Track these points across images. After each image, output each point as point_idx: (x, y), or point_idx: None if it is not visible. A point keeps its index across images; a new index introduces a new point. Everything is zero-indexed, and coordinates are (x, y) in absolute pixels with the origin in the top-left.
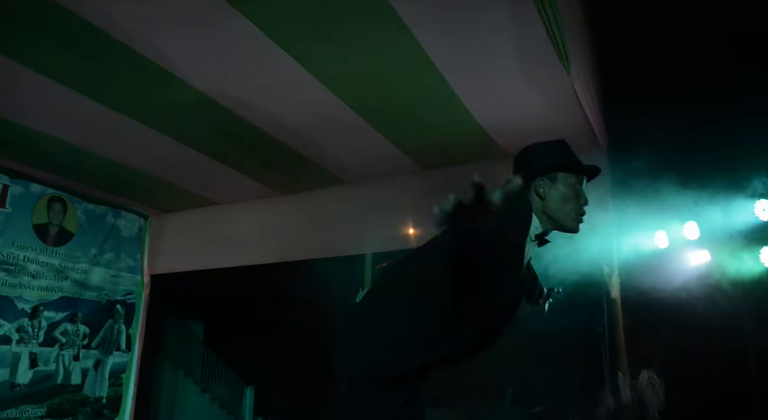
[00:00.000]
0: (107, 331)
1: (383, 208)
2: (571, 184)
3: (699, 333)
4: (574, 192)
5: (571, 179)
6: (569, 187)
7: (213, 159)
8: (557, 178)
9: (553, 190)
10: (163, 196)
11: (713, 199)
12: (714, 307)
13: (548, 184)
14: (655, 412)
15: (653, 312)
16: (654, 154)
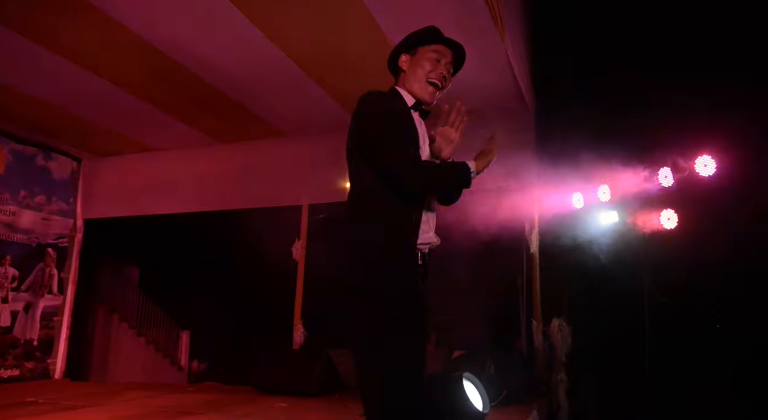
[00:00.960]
0: (38, 275)
1: (320, 161)
2: (429, 57)
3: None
4: (429, 61)
5: (429, 53)
6: (426, 58)
7: (151, 104)
8: (417, 51)
9: (412, 63)
10: (98, 140)
11: (624, 165)
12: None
13: (408, 58)
14: (562, 356)
15: (566, 266)
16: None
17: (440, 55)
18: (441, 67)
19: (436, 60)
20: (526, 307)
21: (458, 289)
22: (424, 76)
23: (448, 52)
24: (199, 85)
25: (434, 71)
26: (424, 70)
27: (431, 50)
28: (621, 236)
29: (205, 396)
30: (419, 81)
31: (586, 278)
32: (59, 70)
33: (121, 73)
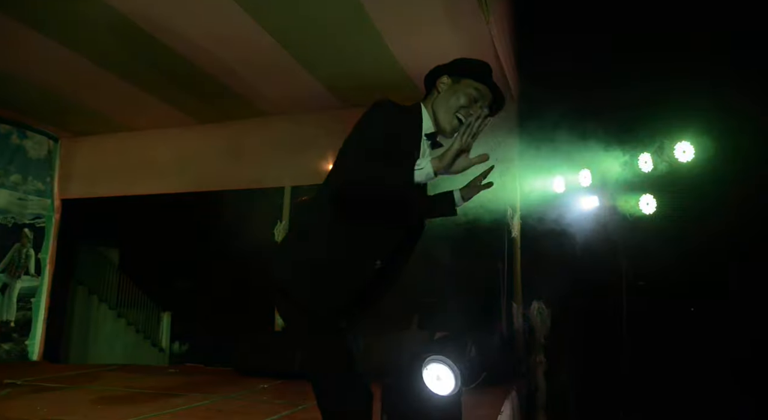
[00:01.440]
0: (14, 255)
1: (304, 142)
2: (469, 92)
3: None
4: (467, 97)
5: (471, 89)
6: (465, 93)
7: (131, 83)
8: (460, 81)
9: (450, 89)
10: (76, 119)
11: (605, 151)
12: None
13: (449, 82)
14: (541, 338)
15: (547, 250)
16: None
17: (481, 95)
18: (476, 107)
19: (474, 99)
20: (507, 290)
21: (440, 271)
22: (453, 109)
23: (489, 95)
24: (181, 63)
25: (464, 108)
26: (459, 102)
27: (474, 87)
28: (601, 221)
29: (187, 377)
30: (447, 112)
31: (566, 262)
32: (36, 47)
33: (100, 50)
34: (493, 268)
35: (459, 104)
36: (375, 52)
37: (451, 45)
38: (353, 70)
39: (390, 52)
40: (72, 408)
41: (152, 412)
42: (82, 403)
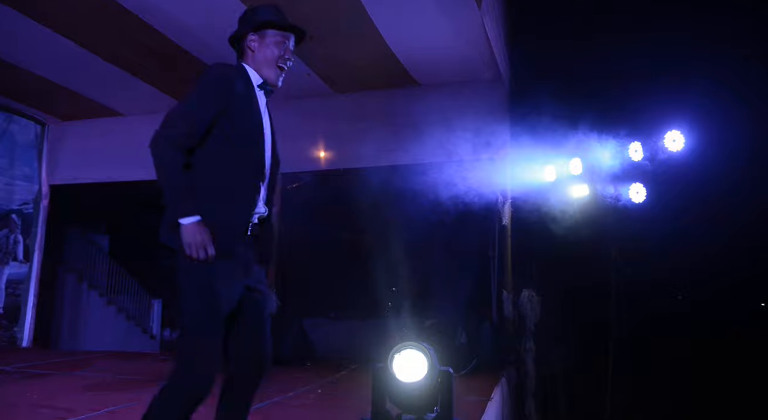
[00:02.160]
0: (2, 241)
1: (296, 129)
2: (277, 41)
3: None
4: (278, 47)
5: (277, 37)
6: (275, 43)
7: (119, 67)
8: (265, 34)
9: (260, 45)
10: (63, 103)
11: (596, 139)
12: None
13: (257, 39)
14: (531, 325)
15: (537, 238)
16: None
17: (285, 38)
18: (287, 51)
19: (283, 44)
20: (498, 278)
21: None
22: (274, 61)
23: (291, 35)
24: (169, 47)
25: (282, 56)
26: (274, 54)
27: (279, 34)
28: (591, 209)
29: None
30: (269, 65)
31: (555, 250)
32: (23, 30)
33: (87, 33)
34: (483, 256)
35: (275, 55)
36: (367, 40)
37: (444, 31)
38: (347, 60)
39: (382, 39)
40: (62, 394)
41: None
42: (72, 389)
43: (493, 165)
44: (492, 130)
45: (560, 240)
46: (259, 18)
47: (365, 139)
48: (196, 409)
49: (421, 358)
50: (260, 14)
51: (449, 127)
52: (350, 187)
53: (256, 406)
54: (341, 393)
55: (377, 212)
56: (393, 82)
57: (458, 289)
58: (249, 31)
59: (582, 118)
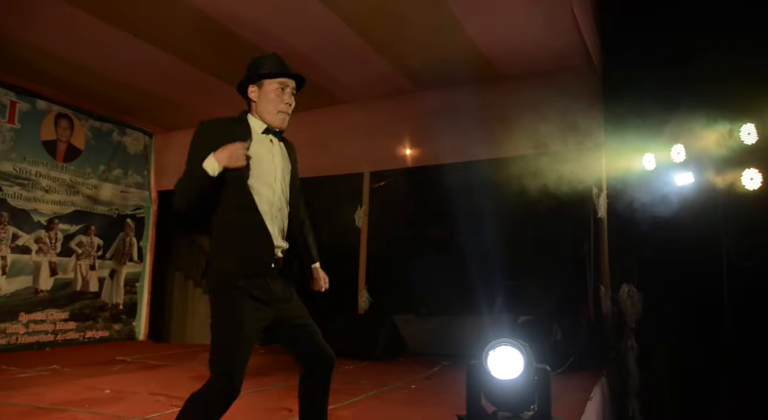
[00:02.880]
0: (120, 243)
1: (380, 127)
2: (274, 89)
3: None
4: (275, 94)
5: (273, 84)
6: (272, 91)
7: (214, 77)
8: (263, 84)
9: (260, 95)
10: (167, 114)
11: (701, 122)
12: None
13: (255, 89)
14: (632, 323)
15: (637, 230)
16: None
17: (284, 84)
18: (287, 96)
19: (281, 90)
20: (594, 273)
21: (523, 254)
22: (273, 109)
23: (291, 80)
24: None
25: (281, 103)
26: (273, 103)
27: (276, 82)
28: (697, 198)
29: (276, 357)
30: (270, 113)
31: (658, 243)
32: (130, 48)
33: (185, 47)
34: (578, 250)
35: (274, 104)
36: (450, 34)
37: (531, 22)
38: (428, 52)
39: (465, 33)
40: (174, 384)
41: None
42: (183, 379)
43: (587, 155)
44: (585, 118)
45: (663, 232)
46: (256, 71)
47: (452, 135)
48: (223, 413)
49: (516, 355)
50: (258, 66)
51: (539, 118)
52: (438, 183)
53: (351, 399)
54: (435, 389)
55: (467, 208)
56: (478, 76)
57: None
58: (249, 84)
59: (685, 100)
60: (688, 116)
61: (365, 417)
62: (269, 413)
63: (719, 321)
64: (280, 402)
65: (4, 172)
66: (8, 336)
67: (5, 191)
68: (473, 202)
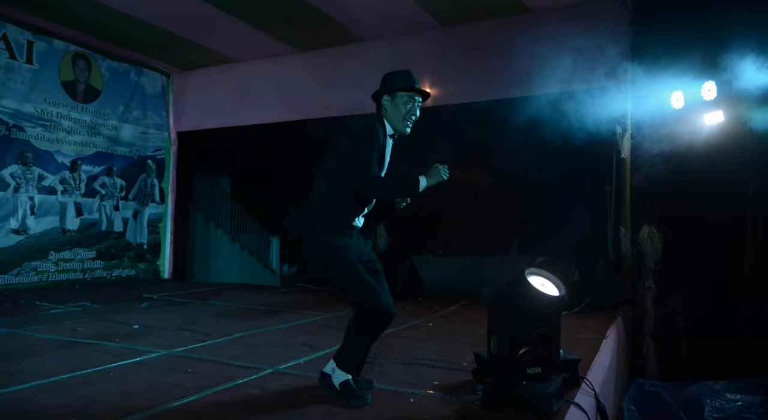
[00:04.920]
0: (141, 184)
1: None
2: (404, 100)
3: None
4: (405, 106)
5: (404, 97)
6: (402, 103)
7: (231, 15)
8: (395, 96)
9: (392, 105)
10: (183, 54)
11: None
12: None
13: (389, 99)
14: (651, 263)
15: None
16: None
17: (412, 98)
18: (414, 108)
19: (410, 104)
20: (614, 214)
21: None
22: (401, 118)
23: (418, 93)
24: None
25: (409, 113)
26: (401, 113)
27: (407, 95)
28: (726, 138)
29: (297, 296)
30: (399, 122)
31: (681, 184)
32: None
33: None
34: (599, 191)
35: (402, 114)
36: None
37: None
38: None
39: None
40: (200, 320)
41: (269, 325)
42: (207, 315)
43: (612, 93)
44: (612, 54)
45: (687, 173)
46: (391, 84)
47: (472, 73)
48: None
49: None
50: (393, 80)
51: (564, 54)
52: (457, 123)
53: None
54: (452, 327)
55: (486, 148)
56: (501, 10)
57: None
58: (384, 94)
59: (716, 35)
60: (721, 51)
61: (384, 353)
62: (291, 349)
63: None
64: (302, 338)
65: (26, 113)
66: (40, 274)
67: (28, 132)
68: (493, 142)
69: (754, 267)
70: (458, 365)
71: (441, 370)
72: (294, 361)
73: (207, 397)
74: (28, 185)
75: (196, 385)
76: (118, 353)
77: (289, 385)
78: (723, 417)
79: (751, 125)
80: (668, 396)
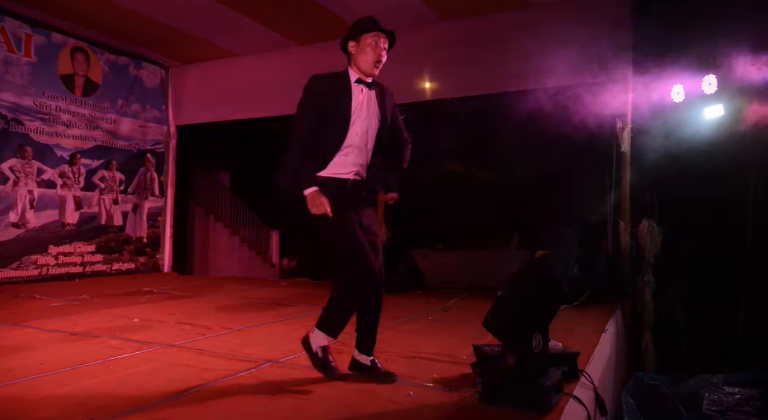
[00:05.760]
0: (141, 178)
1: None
2: (369, 43)
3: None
4: (371, 47)
5: (369, 39)
6: (368, 45)
7: (229, 7)
8: (359, 39)
9: (358, 48)
10: (182, 47)
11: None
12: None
13: (354, 44)
14: (650, 257)
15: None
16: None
17: (377, 38)
18: (379, 49)
19: (375, 43)
20: (614, 207)
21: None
22: (368, 59)
23: (382, 35)
24: None
25: (375, 54)
26: (367, 55)
27: (371, 36)
28: (726, 132)
29: (297, 290)
30: (364, 64)
31: (681, 178)
32: None
33: None
34: (599, 184)
35: (368, 56)
36: None
37: None
38: None
39: None
40: (199, 313)
41: (268, 319)
42: (207, 309)
43: (612, 87)
44: (612, 48)
45: (687, 167)
46: (355, 29)
47: (472, 67)
48: (363, 302)
49: None
50: (357, 25)
51: (563, 49)
52: (457, 116)
53: None
54: (451, 320)
55: (485, 142)
56: (502, 4)
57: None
58: (349, 40)
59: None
60: (722, 44)
61: (382, 348)
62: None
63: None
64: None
65: (24, 106)
66: (40, 267)
67: (27, 126)
68: (492, 136)
69: (754, 260)
70: (458, 359)
71: (440, 364)
72: (293, 354)
73: (207, 390)
74: (27, 179)
75: (196, 378)
76: (118, 346)
77: (288, 377)
78: (721, 410)
79: (750, 119)
80: (667, 389)
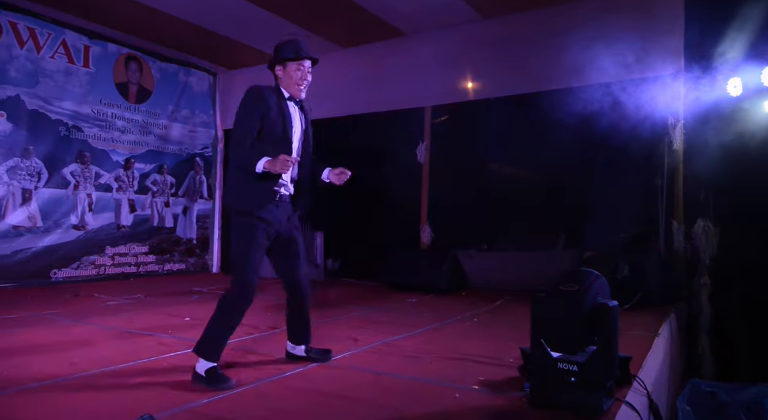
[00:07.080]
0: (190, 181)
1: (442, 60)
2: (295, 68)
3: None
4: (296, 72)
5: (294, 66)
6: (294, 70)
7: (275, 14)
8: (286, 66)
9: (284, 73)
10: (229, 54)
11: None
12: None
13: (281, 68)
14: (707, 259)
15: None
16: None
17: (301, 64)
18: (304, 73)
19: (299, 69)
20: (666, 207)
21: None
22: (293, 84)
23: (307, 60)
24: None
25: (300, 79)
26: (293, 80)
27: (295, 63)
28: None
29: (342, 290)
30: (291, 88)
31: (738, 176)
32: None
33: None
34: (650, 184)
35: (294, 81)
36: None
37: None
38: None
39: None
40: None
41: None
42: (253, 309)
43: (664, 82)
44: (664, 41)
45: (746, 164)
46: (280, 55)
47: (516, 65)
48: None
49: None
50: (282, 52)
51: (612, 43)
52: (502, 116)
53: (414, 331)
54: (497, 322)
55: (531, 142)
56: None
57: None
58: (276, 64)
59: None
60: None
61: (427, 349)
62: (336, 342)
63: None
64: (346, 332)
65: (83, 114)
66: (98, 267)
67: (86, 132)
68: (538, 136)
69: None
70: (504, 361)
71: (487, 366)
72: (340, 354)
73: (256, 388)
74: (86, 183)
75: (245, 376)
76: (170, 344)
77: (335, 378)
78: None
79: None
80: (726, 397)
